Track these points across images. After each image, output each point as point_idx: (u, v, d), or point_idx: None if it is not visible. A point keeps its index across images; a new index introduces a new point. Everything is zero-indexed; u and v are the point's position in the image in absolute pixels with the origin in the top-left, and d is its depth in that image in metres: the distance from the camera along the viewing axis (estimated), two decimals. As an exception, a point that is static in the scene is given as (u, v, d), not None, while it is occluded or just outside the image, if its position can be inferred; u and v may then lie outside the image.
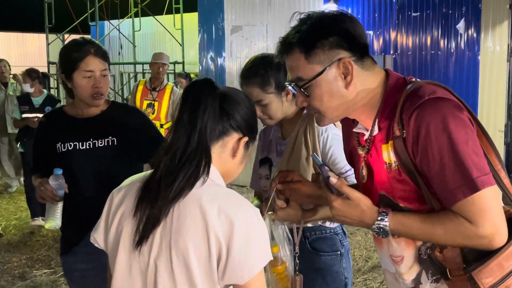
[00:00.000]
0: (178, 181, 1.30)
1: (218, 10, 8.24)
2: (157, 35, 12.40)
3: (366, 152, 1.55)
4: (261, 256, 1.28)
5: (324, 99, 1.48)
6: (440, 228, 1.38)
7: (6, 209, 6.88)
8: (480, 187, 1.32)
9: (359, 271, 4.75)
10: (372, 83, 1.49)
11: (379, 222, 1.44)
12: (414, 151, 1.38)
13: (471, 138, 1.35)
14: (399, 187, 1.46)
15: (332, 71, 1.45)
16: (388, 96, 1.48)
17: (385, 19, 6.91)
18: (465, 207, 1.34)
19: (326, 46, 1.44)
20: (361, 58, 1.47)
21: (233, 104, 1.41)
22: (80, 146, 2.39)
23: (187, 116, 1.34)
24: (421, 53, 6.67)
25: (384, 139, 1.48)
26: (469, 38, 6.36)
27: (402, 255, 1.55)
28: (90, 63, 2.32)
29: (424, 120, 1.35)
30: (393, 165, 1.45)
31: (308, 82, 1.47)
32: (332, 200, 1.50)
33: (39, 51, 14.97)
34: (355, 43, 1.46)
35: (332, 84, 1.46)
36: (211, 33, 8.40)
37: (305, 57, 1.46)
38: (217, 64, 8.37)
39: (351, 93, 1.47)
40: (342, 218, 1.51)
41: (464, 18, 6.34)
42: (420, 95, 1.39)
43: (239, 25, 8.05)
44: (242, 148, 1.43)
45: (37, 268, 4.90)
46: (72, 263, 2.46)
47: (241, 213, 1.28)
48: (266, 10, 7.76)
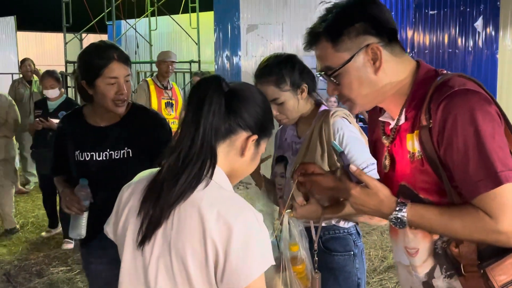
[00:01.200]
0: (180, 184, 1.28)
1: (234, 9, 8.24)
2: (173, 34, 12.46)
3: (390, 142, 1.54)
4: (260, 262, 1.24)
5: (353, 86, 1.47)
6: (458, 222, 1.36)
7: (24, 207, 6.95)
8: (503, 181, 1.29)
9: (374, 271, 4.72)
10: (401, 70, 1.48)
11: (397, 212, 1.42)
12: (439, 141, 1.37)
13: (497, 133, 1.34)
14: (420, 177, 1.45)
15: (361, 57, 1.44)
16: (417, 86, 1.47)
17: (402, 17, 6.85)
18: (486, 201, 1.32)
19: (353, 33, 1.44)
20: (389, 43, 1.46)
21: (241, 102, 1.37)
22: (96, 157, 2.35)
23: (191, 116, 1.32)
24: (438, 52, 6.61)
25: (409, 129, 1.47)
26: (487, 36, 6.28)
27: (417, 248, 1.53)
28: (114, 69, 2.26)
29: (452, 110, 1.34)
30: (417, 154, 1.44)
31: (336, 71, 1.46)
32: (351, 188, 1.49)
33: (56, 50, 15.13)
34: (383, 28, 1.45)
35: (361, 70, 1.45)
36: (226, 32, 8.41)
37: (332, 46, 1.46)
38: (233, 63, 8.37)
39: (380, 79, 1.46)
40: (360, 207, 1.49)
41: (482, 16, 6.27)
42: (450, 86, 1.38)
43: (255, 24, 8.04)
44: (251, 147, 1.39)
45: (54, 266, 4.95)
46: (88, 257, 2.50)
47: (241, 218, 1.25)
48: (281, 9, 7.75)
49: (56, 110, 5.42)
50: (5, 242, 5.60)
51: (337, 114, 2.19)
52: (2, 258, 5.15)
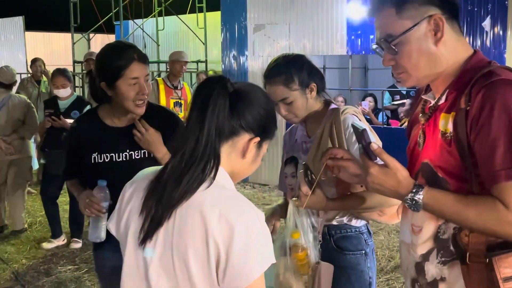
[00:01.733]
0: (184, 184, 1.29)
1: (241, 9, 8.25)
2: (180, 34, 12.47)
3: (426, 120, 1.56)
4: (261, 262, 1.25)
5: (412, 55, 1.48)
6: (473, 210, 1.37)
7: (32, 206, 6.99)
8: None
9: (381, 271, 4.72)
10: (459, 51, 1.50)
11: (413, 194, 1.43)
12: (473, 126, 1.38)
13: None
14: (445, 158, 1.46)
15: (423, 26, 1.46)
16: (466, 71, 1.48)
17: (409, 17, 6.83)
18: (505, 191, 1.33)
19: (418, 1, 1.46)
20: (451, 19, 1.47)
21: (245, 104, 1.37)
22: (116, 158, 2.34)
23: (195, 116, 1.32)
24: (445, 51, 6.59)
25: (446, 109, 1.48)
26: (495, 36, 6.25)
27: (422, 226, 1.54)
28: (135, 69, 2.24)
29: (492, 98, 1.35)
30: (448, 134, 1.45)
31: (398, 37, 1.47)
32: (370, 166, 1.50)
33: (64, 50, 15.18)
34: (447, 1, 1.47)
35: (422, 40, 1.47)
36: (233, 32, 8.42)
37: (396, 12, 1.47)
38: (240, 63, 8.38)
39: (440, 52, 1.47)
40: (377, 186, 1.50)
41: (490, 15, 6.24)
42: (496, 74, 1.39)
43: (262, 24, 8.04)
44: (253, 149, 1.40)
45: (61, 264, 4.97)
46: (102, 259, 2.48)
47: (243, 218, 1.25)
48: (288, 9, 7.75)
49: (68, 109, 5.29)
50: (14, 241, 5.64)
51: (347, 111, 2.21)
52: (10, 257, 5.19)
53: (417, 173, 1.50)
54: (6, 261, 5.06)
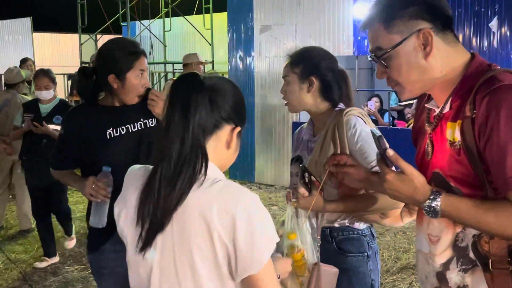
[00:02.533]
0: (178, 188, 1.29)
1: (248, 10, 8.26)
2: (187, 35, 12.51)
3: (432, 129, 1.55)
4: (268, 243, 1.28)
5: (402, 69, 1.48)
6: (492, 216, 1.36)
7: (40, 206, 7.02)
8: None
9: (388, 272, 4.71)
10: (453, 59, 1.49)
11: (431, 201, 1.42)
12: (481, 133, 1.37)
13: None
14: (454, 167, 1.45)
15: (412, 41, 1.45)
16: (467, 77, 1.47)
17: (415, 17, 6.82)
18: None
19: (406, 16, 1.45)
20: (442, 30, 1.47)
21: (222, 96, 1.39)
22: (132, 128, 2.46)
23: (178, 117, 1.32)
24: (452, 52, 6.57)
25: (452, 117, 1.47)
26: (502, 37, 6.23)
27: (439, 236, 1.53)
28: (142, 62, 2.44)
29: (497, 104, 1.34)
30: (456, 143, 1.44)
31: (387, 52, 1.48)
32: (386, 172, 1.49)
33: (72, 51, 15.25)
34: (437, 14, 1.46)
35: (411, 54, 1.46)
36: (240, 33, 8.43)
37: (384, 28, 1.48)
38: (246, 64, 8.39)
39: (430, 65, 1.47)
40: (394, 193, 1.49)
41: (497, 16, 6.22)
42: (499, 79, 1.38)
43: (268, 25, 8.05)
44: (235, 138, 1.42)
45: (68, 264, 5.00)
46: (101, 261, 2.50)
47: (240, 205, 1.26)
48: (295, 10, 7.75)
49: (50, 114, 4.85)
50: (21, 241, 5.67)
51: (351, 112, 2.21)
52: (18, 257, 5.22)
53: (429, 183, 1.48)
54: (14, 261, 5.09)
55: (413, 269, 4.73)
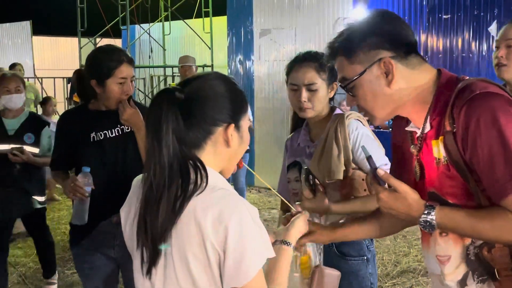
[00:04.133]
0: (161, 214, 1.27)
1: (247, 14, 8.28)
2: (186, 39, 12.52)
3: (418, 150, 1.56)
4: (256, 260, 1.26)
5: (367, 98, 1.51)
6: (487, 224, 1.36)
7: (39, 210, 7.02)
8: None
9: (387, 276, 4.71)
10: (419, 80, 1.50)
11: (426, 216, 1.43)
12: (464, 146, 1.38)
13: None
14: (448, 183, 1.45)
15: (374, 71, 1.48)
16: (439, 94, 1.48)
17: (415, 21, 6.84)
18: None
19: (366, 47, 1.48)
20: (405, 57, 1.48)
21: (203, 103, 1.34)
22: (110, 134, 2.55)
23: (151, 139, 1.30)
24: (452, 56, 6.59)
25: (434, 135, 1.48)
26: (501, 41, 6.24)
27: (449, 255, 1.53)
28: (124, 70, 2.48)
29: (474, 113, 1.35)
30: (443, 160, 1.45)
31: (350, 82, 1.51)
32: (379, 191, 1.50)
33: (71, 55, 15.26)
34: (398, 42, 1.48)
35: (374, 83, 1.49)
36: (239, 37, 8.44)
37: (346, 59, 1.51)
38: (246, 67, 8.40)
39: (394, 92, 1.49)
40: (389, 211, 1.51)
41: (496, 20, 6.24)
42: (472, 90, 1.39)
43: (268, 29, 8.07)
44: (234, 134, 1.38)
45: (68, 268, 4.99)
46: (81, 256, 2.62)
47: (235, 216, 1.25)
48: (294, 14, 7.76)
49: (19, 132, 3.89)
50: (21, 244, 5.66)
51: (351, 116, 2.24)
52: (18, 260, 5.22)
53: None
54: (14, 264, 5.08)
55: (413, 273, 4.74)
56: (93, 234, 2.56)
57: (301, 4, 7.71)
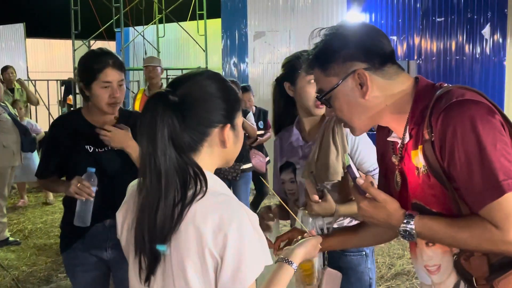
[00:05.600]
0: (159, 222, 1.25)
1: (241, 16, 8.28)
2: (181, 41, 12.51)
3: (399, 160, 1.55)
4: (254, 268, 1.25)
5: (344, 109, 1.52)
6: (465, 233, 1.36)
7: (32, 213, 6.99)
8: (506, 191, 1.28)
9: (382, 278, 4.71)
10: (395, 90, 1.49)
11: (405, 225, 1.43)
12: (442, 155, 1.36)
13: (500, 141, 1.32)
14: (429, 192, 1.45)
15: (348, 82, 1.48)
16: (417, 102, 1.47)
17: (409, 24, 6.86)
18: (492, 212, 1.30)
19: (340, 59, 1.48)
20: (380, 67, 1.47)
21: (197, 105, 1.31)
22: (99, 149, 2.52)
23: (146, 146, 1.26)
24: (445, 59, 6.61)
25: (414, 145, 1.47)
26: (494, 43, 6.28)
27: (438, 264, 1.52)
28: (108, 74, 2.44)
29: (451, 122, 1.33)
30: (422, 169, 1.44)
31: (326, 94, 1.52)
32: (359, 201, 1.51)
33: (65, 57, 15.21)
34: (372, 53, 1.47)
35: (349, 95, 1.49)
36: (234, 39, 8.45)
37: (321, 71, 1.52)
38: (240, 70, 8.40)
39: (370, 102, 1.48)
40: (369, 219, 1.52)
41: (490, 23, 6.27)
42: (448, 98, 1.38)
43: (262, 31, 8.07)
44: (229, 134, 1.36)
45: (61, 272, 4.96)
46: (73, 259, 2.59)
47: (235, 223, 1.23)
48: (289, 16, 7.77)
49: None
50: (14, 248, 5.63)
51: None
52: (10, 264, 5.18)
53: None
54: (7, 268, 5.04)
55: (407, 275, 4.74)
56: (86, 237, 2.54)
57: (295, 6, 7.73)
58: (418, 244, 1.56)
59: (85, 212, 2.42)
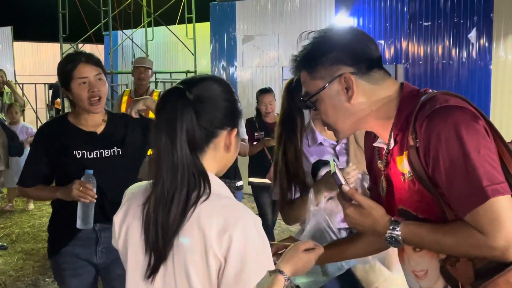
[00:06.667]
0: (173, 217, 1.26)
1: (230, 20, 8.29)
2: (169, 45, 12.49)
3: (385, 166, 1.55)
4: (258, 270, 1.26)
5: (329, 113, 1.52)
6: (451, 238, 1.36)
7: (20, 217, 6.94)
8: (490, 196, 1.28)
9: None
10: (380, 95, 1.50)
11: (391, 231, 1.43)
12: (427, 161, 1.37)
13: (483, 147, 1.32)
14: (415, 198, 1.45)
15: (334, 86, 1.48)
16: (401, 108, 1.48)
17: (396, 28, 6.91)
18: (476, 217, 1.30)
19: (327, 62, 1.48)
20: (366, 72, 1.48)
21: (210, 105, 1.33)
22: (88, 155, 2.50)
23: (164, 138, 1.28)
24: (432, 63, 6.66)
25: (399, 151, 1.47)
26: (481, 48, 6.34)
27: (426, 269, 1.52)
28: (82, 70, 2.46)
29: (435, 128, 1.34)
30: (408, 175, 1.45)
31: (312, 97, 1.52)
32: (345, 207, 1.51)
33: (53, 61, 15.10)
34: (359, 57, 1.48)
35: (334, 98, 1.49)
36: (223, 43, 8.45)
37: (308, 74, 1.52)
38: (229, 73, 8.41)
39: (355, 107, 1.49)
40: (356, 226, 1.52)
41: (476, 27, 6.33)
42: (433, 104, 1.38)
43: (251, 35, 8.09)
44: (235, 139, 1.39)
45: (49, 276, 4.93)
46: (61, 264, 2.57)
47: (240, 225, 1.25)
48: (277, 20, 7.80)
49: None
50: (1, 253, 5.59)
51: None
52: (-3, 269, 5.14)
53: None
54: (-7, 273, 5.02)
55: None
56: (75, 241, 2.53)
57: (284, 10, 7.75)
58: (406, 249, 1.56)
59: (88, 214, 2.42)
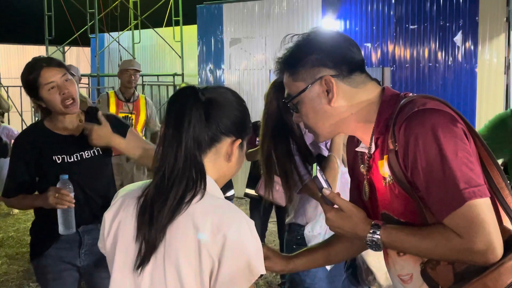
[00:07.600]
0: (170, 204, 1.27)
1: (217, 23, 8.28)
2: (156, 47, 12.46)
3: (367, 170, 1.55)
4: (250, 273, 1.27)
5: (309, 115, 1.52)
6: (430, 242, 1.35)
7: (4, 221, 6.86)
8: (467, 199, 1.27)
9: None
10: (360, 98, 1.49)
11: (372, 235, 1.43)
12: (405, 164, 1.36)
13: (461, 149, 1.31)
14: (397, 202, 1.45)
15: (315, 88, 1.48)
16: (381, 112, 1.47)
17: (383, 31, 6.95)
18: (454, 221, 1.30)
19: (308, 64, 1.48)
20: (348, 75, 1.48)
21: (220, 109, 1.36)
22: (68, 159, 2.47)
23: (171, 131, 1.31)
24: (419, 66, 6.70)
25: (380, 155, 1.47)
26: (466, 51, 6.39)
27: (411, 273, 1.51)
28: (47, 76, 2.38)
29: (413, 131, 1.33)
30: (388, 179, 1.44)
31: (293, 98, 1.52)
32: (326, 211, 1.51)
33: (39, 63, 15.01)
34: (340, 60, 1.47)
35: (315, 101, 1.49)
36: (210, 45, 8.44)
37: (290, 75, 1.52)
38: (216, 76, 8.40)
39: (335, 110, 1.49)
40: (336, 230, 1.51)
41: (462, 30, 6.38)
42: (411, 107, 1.38)
43: (238, 38, 8.09)
44: (236, 150, 1.40)
45: (33, 281, 4.87)
46: (44, 267, 2.54)
47: (235, 226, 1.26)
48: (265, 23, 7.80)
49: None
50: (-15, 257, 5.53)
51: None
52: (-19, 273, 5.08)
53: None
54: (-23, 278, 4.95)
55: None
56: (58, 244, 2.49)
57: (271, 13, 7.76)
58: (390, 254, 1.56)
59: (69, 220, 2.38)
